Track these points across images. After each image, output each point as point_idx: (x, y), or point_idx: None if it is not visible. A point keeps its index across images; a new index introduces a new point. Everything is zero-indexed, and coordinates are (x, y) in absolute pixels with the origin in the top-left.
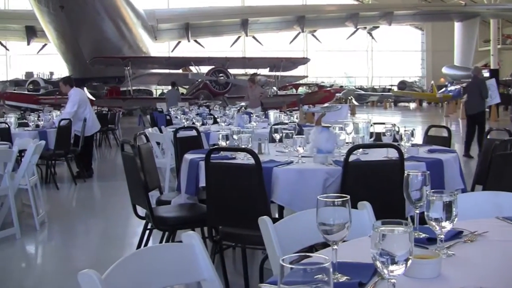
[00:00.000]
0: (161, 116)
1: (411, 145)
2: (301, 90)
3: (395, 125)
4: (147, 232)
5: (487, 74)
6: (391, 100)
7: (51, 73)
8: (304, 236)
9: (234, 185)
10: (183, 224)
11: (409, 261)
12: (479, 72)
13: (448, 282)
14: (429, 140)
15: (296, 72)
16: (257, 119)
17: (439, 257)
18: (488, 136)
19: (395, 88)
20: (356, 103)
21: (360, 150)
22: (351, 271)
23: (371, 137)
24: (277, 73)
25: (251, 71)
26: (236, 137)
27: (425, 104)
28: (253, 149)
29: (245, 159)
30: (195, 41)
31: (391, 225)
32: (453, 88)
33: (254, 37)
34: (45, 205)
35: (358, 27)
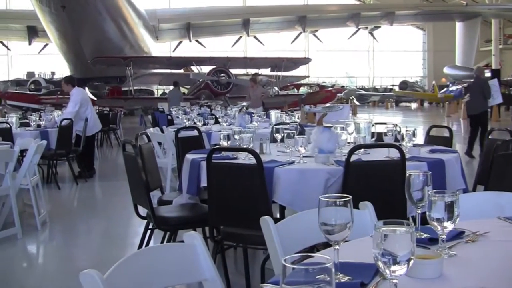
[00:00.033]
0: (162, 116)
1: (412, 145)
2: (303, 90)
3: (396, 125)
4: (148, 232)
5: (488, 74)
6: (392, 100)
7: (53, 73)
8: (306, 236)
9: (236, 185)
10: (185, 224)
11: (411, 261)
12: (481, 72)
13: (450, 282)
14: (430, 140)
15: (297, 72)
16: (258, 119)
17: (440, 257)
18: (490, 136)
19: (396, 88)
20: (357, 103)
21: (361, 150)
22: (353, 271)
23: (372, 137)
24: (279, 73)
25: (252, 71)
26: (237, 137)
27: (426, 104)
28: (255, 149)
29: (246, 159)
30: (197, 41)
31: (393, 225)
32: (454, 88)
33: (255, 37)
34: (47, 205)
35: (359, 27)
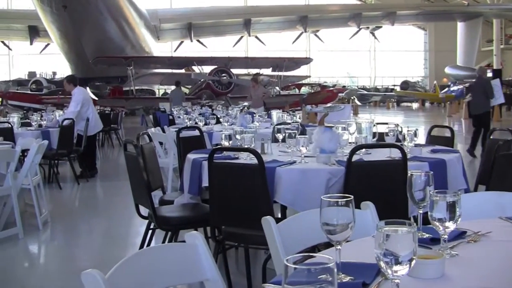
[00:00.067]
0: (163, 116)
1: (414, 145)
2: (304, 90)
3: (398, 125)
4: (150, 232)
5: (490, 74)
6: (393, 100)
7: (54, 73)
8: (307, 236)
9: (237, 185)
10: (186, 224)
11: (413, 261)
12: (484, 72)
13: (452, 282)
14: (432, 140)
15: (298, 72)
16: (259, 119)
17: (442, 257)
18: (491, 136)
19: (397, 88)
20: (358, 103)
21: (363, 150)
22: (355, 271)
23: (374, 137)
24: (280, 73)
25: (253, 71)
26: (239, 137)
27: (427, 104)
28: (256, 149)
29: (248, 159)
30: (198, 41)
31: (395, 225)
32: (455, 88)
33: (256, 37)
34: (48, 205)
35: (360, 27)
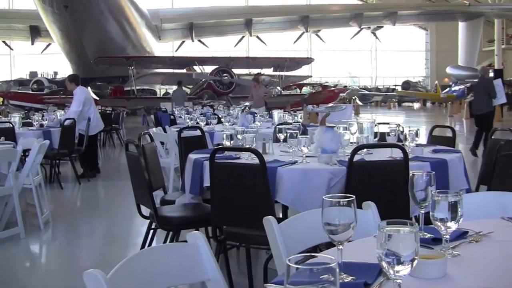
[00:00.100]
0: (165, 115)
1: (415, 145)
2: (305, 90)
3: (399, 125)
4: (151, 232)
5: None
6: (395, 100)
7: (55, 73)
8: (309, 236)
9: (239, 185)
10: (187, 224)
11: (415, 261)
12: (486, 72)
13: (454, 282)
14: (433, 140)
15: (300, 72)
16: (261, 119)
17: (444, 257)
18: (493, 136)
19: (399, 88)
20: (360, 103)
21: (364, 150)
22: (357, 271)
23: (375, 137)
24: (281, 73)
25: (255, 71)
26: (240, 137)
27: (429, 104)
28: (258, 149)
29: (249, 159)
30: (199, 41)
31: (396, 225)
32: (457, 88)
33: (258, 37)
34: (49, 205)
35: (362, 27)
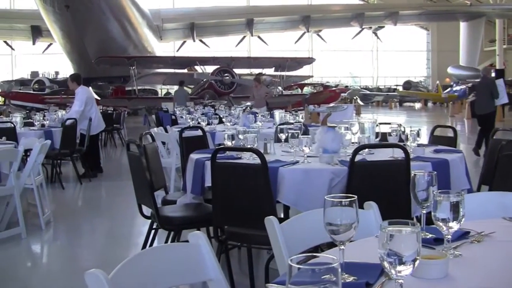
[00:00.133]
0: (166, 115)
1: (417, 145)
2: (306, 90)
3: (401, 125)
4: (152, 232)
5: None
6: (396, 100)
7: (57, 73)
8: (310, 236)
9: (240, 185)
10: (189, 224)
11: (417, 262)
12: (489, 72)
13: (455, 282)
14: (435, 140)
15: (301, 72)
16: (262, 119)
17: (446, 257)
18: (494, 137)
19: (400, 88)
20: (361, 103)
21: (366, 150)
22: (358, 271)
23: (376, 137)
24: (283, 73)
25: (256, 71)
26: (241, 137)
27: (430, 104)
28: (259, 149)
29: (251, 159)
30: (200, 40)
31: (398, 225)
32: (458, 88)
33: (259, 37)
34: (51, 205)
35: (363, 27)
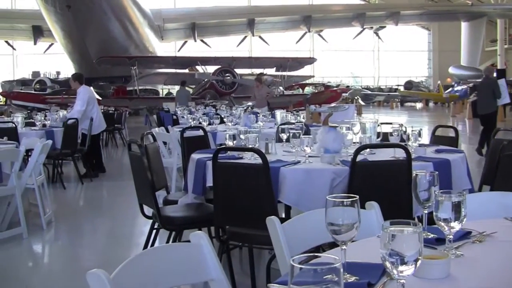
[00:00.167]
0: (167, 115)
1: (418, 145)
2: (308, 90)
3: (402, 125)
4: (154, 232)
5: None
6: (397, 100)
7: (58, 73)
8: (312, 236)
9: (241, 185)
10: (190, 223)
11: (419, 262)
12: (491, 71)
13: (457, 282)
14: (436, 140)
15: (302, 72)
16: (263, 119)
17: (448, 257)
18: (496, 136)
19: (401, 88)
20: (362, 103)
21: (367, 150)
22: (360, 271)
23: (378, 137)
24: (284, 73)
25: (257, 71)
26: (243, 136)
27: (431, 104)
28: (260, 149)
29: (252, 159)
30: (202, 40)
31: (400, 225)
32: (459, 88)
33: (260, 37)
34: (52, 205)
35: (364, 27)
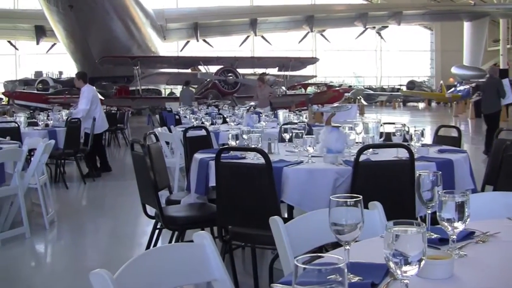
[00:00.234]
0: (170, 115)
1: (421, 145)
2: (310, 89)
3: (405, 125)
4: (156, 232)
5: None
6: (400, 100)
7: (60, 73)
8: (315, 236)
9: (244, 184)
10: (193, 223)
11: (422, 262)
12: (495, 71)
13: (461, 282)
14: (439, 140)
15: (305, 71)
16: (266, 119)
17: (451, 257)
18: (499, 136)
19: (404, 88)
20: (365, 103)
21: (370, 150)
22: (364, 272)
23: (380, 137)
24: (286, 73)
25: (260, 70)
26: (245, 136)
27: (434, 104)
28: (263, 148)
29: (255, 159)
30: (204, 40)
31: (403, 225)
32: (462, 88)
33: (263, 37)
34: (55, 204)
35: (367, 26)
